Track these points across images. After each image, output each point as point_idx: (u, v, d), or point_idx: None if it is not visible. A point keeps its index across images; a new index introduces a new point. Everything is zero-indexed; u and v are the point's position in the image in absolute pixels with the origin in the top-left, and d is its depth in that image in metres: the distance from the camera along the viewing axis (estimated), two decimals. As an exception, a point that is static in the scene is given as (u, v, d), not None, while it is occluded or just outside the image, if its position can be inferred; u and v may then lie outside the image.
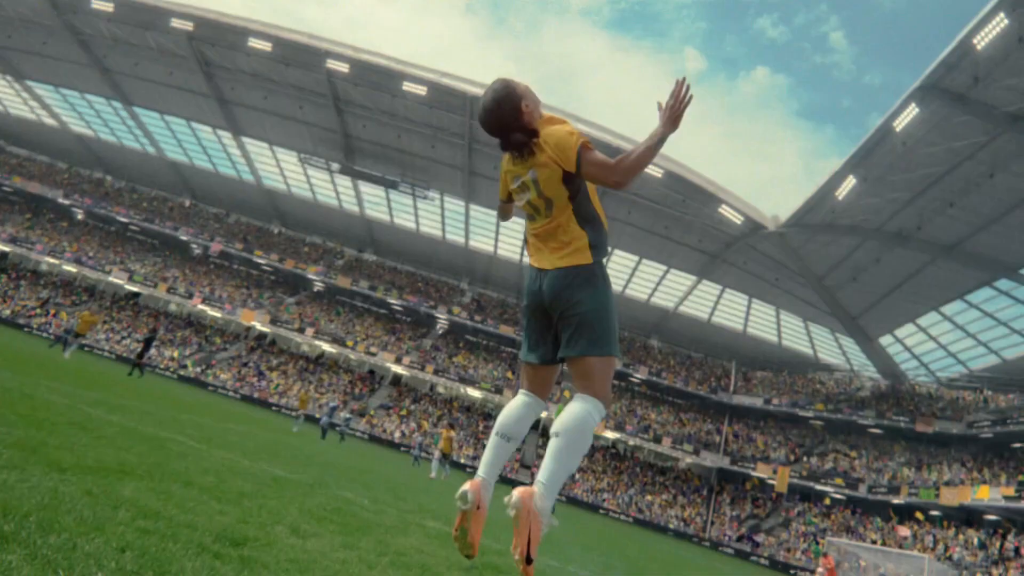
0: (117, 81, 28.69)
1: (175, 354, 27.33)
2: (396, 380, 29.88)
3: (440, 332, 31.56)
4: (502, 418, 1.82)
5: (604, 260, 1.79)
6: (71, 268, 29.89)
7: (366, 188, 29.80)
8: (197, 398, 14.91)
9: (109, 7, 23.85)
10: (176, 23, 23.82)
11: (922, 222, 19.89)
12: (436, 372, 28.17)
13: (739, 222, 22.78)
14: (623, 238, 26.32)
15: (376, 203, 30.87)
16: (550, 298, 1.71)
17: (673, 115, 1.57)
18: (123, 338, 27.20)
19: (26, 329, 25.22)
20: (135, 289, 29.86)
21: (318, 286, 32.09)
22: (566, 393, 25.90)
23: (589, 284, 1.69)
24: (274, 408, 24.66)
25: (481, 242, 30.63)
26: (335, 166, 28.30)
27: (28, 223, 31.55)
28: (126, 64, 27.59)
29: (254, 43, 23.42)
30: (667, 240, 26.00)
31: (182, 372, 25.97)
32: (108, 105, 30.50)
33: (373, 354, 28.50)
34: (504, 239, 29.45)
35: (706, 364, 31.43)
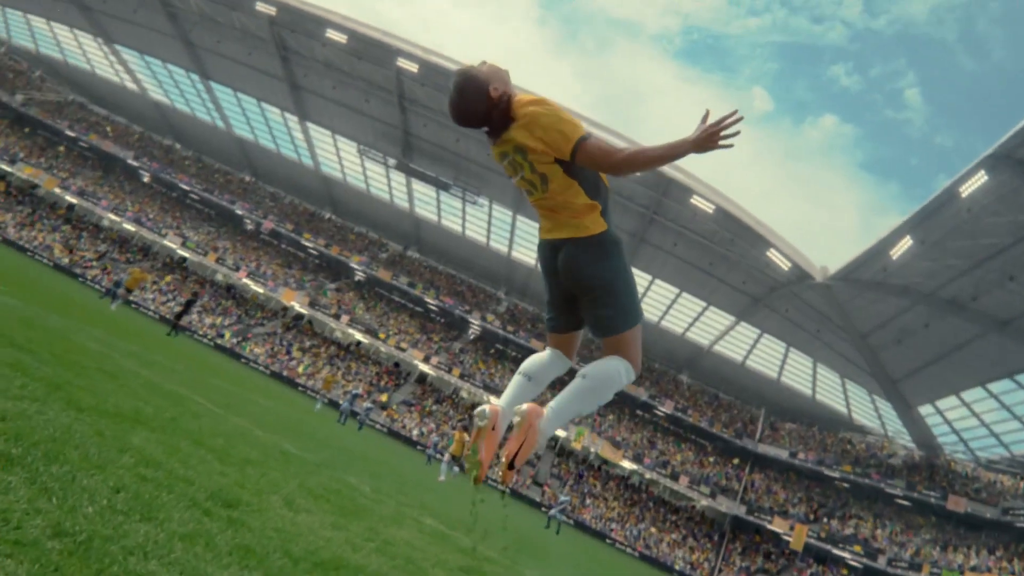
0: (199, 55, 29.86)
1: (216, 322, 28.11)
2: (422, 378, 30.06)
3: (471, 337, 31.67)
4: (528, 361, 1.82)
5: (613, 225, 1.72)
6: (130, 227, 31.07)
7: (418, 186, 30.22)
8: (228, 367, 15.28)
9: None
10: (261, 6, 24.69)
11: (978, 293, 19.07)
12: (462, 376, 28.23)
13: (786, 268, 22.26)
14: (666, 268, 26.01)
15: (426, 202, 31.28)
16: (564, 271, 1.69)
17: (709, 135, 1.45)
18: (168, 300, 28.10)
19: (80, 279, 26.31)
20: (186, 255, 30.87)
21: (359, 276, 32.59)
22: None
23: (601, 255, 1.65)
24: (300, 388, 25.07)
25: (524, 253, 30.65)
26: (392, 161, 28.79)
27: (98, 179, 32.99)
28: (209, 40, 28.71)
29: (331, 34, 24.11)
30: (710, 276, 25.57)
31: (219, 341, 26.67)
32: (187, 77, 31.77)
33: (403, 350, 28.74)
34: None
35: (734, 407, 30.69)
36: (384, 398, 27.02)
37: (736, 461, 28.59)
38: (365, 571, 1.78)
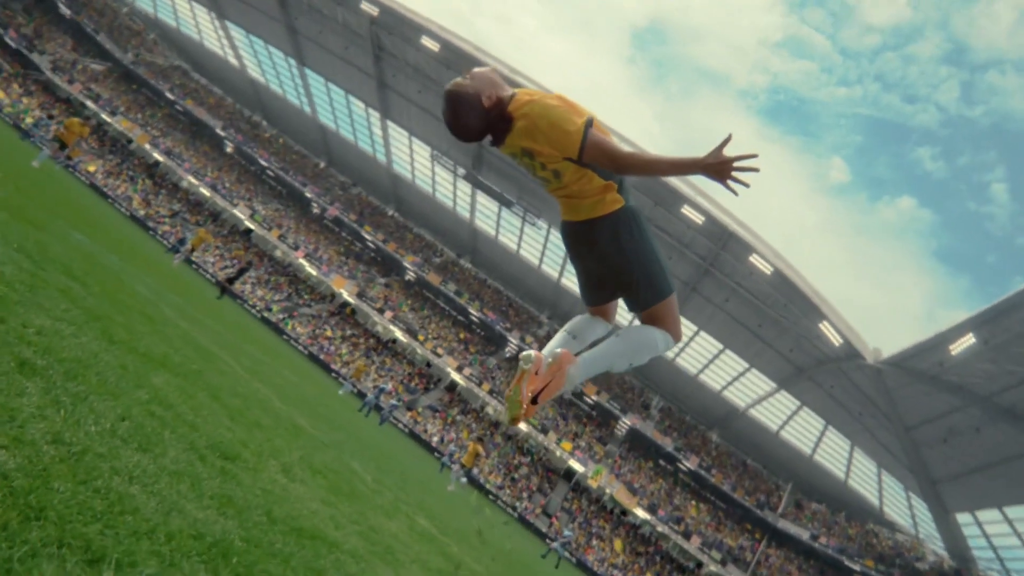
0: (299, 42, 31.29)
1: (266, 295, 29.01)
2: (451, 386, 30.16)
3: (507, 355, 31.67)
4: (572, 321, 1.86)
5: (631, 199, 1.71)
6: (206, 191, 32.51)
7: (482, 199, 30.63)
8: (267, 339, 15.70)
9: None
10: (365, 5, 25.75)
11: (1040, 407, 17.98)
12: (491, 392, 28.21)
13: (837, 343, 21.47)
14: (713, 322, 25.48)
15: (487, 215, 31.65)
16: (588, 252, 1.70)
17: (723, 162, 1.38)
18: (227, 266, 29.19)
19: (151, 232, 27.62)
20: (252, 227, 32.06)
21: (410, 275, 33.12)
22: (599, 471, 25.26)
23: (623, 231, 1.64)
24: (332, 374, 25.54)
25: (573, 281, 30.56)
26: (461, 171, 29.32)
27: (185, 142, 34.75)
28: (312, 30, 30.08)
29: (426, 41, 24.88)
30: (757, 338, 24.89)
31: (265, 314, 27.49)
32: (284, 60, 33.30)
33: (438, 355, 28.96)
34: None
35: (760, 476, 29.60)
36: (411, 399, 27.23)
37: (753, 532, 27.51)
38: (340, 548, 1.81)
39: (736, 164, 1.37)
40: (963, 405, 20.31)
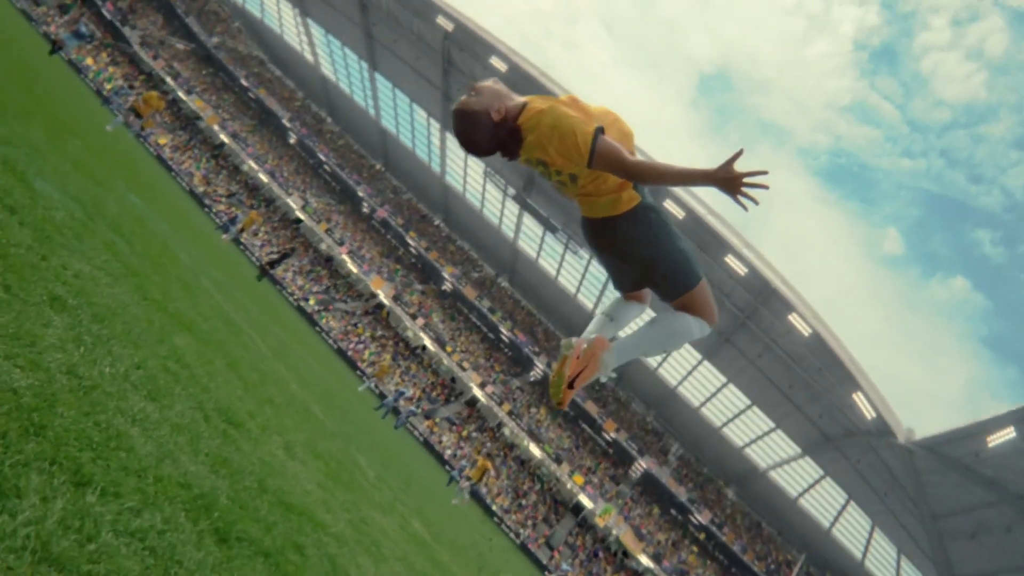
0: (373, 47, 32.32)
1: (305, 285, 29.66)
2: (472, 402, 30.15)
3: (531, 379, 31.55)
4: (610, 303, 1.89)
5: (647, 194, 1.69)
6: (264, 177, 33.62)
7: (528, 221, 30.85)
8: (298, 327, 16.00)
9: None
10: (441, 20, 26.48)
11: (1081, 516, 16.98)
12: (511, 413, 28.09)
13: (869, 417, 20.72)
14: (743, 376, 24.90)
15: (530, 238, 31.84)
16: (609, 246, 1.70)
17: (734, 176, 1.36)
18: (272, 252, 29.99)
19: (206, 209, 28.62)
20: (302, 217, 32.94)
21: (447, 286, 33.45)
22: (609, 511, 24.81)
23: (642, 227, 1.63)
24: (357, 372, 25.84)
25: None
26: (511, 191, 29.63)
27: (251, 128, 36.07)
28: (387, 37, 31.05)
29: (494, 60, 25.39)
30: (786, 400, 24.22)
31: (302, 303, 28.06)
32: (357, 63, 34.43)
33: (464, 368, 29.03)
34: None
35: (774, 542, 28.59)
36: (430, 409, 27.28)
37: (758, 599, 26.52)
38: (325, 529, 1.83)
39: (746, 180, 1.34)
40: (996, 501, 19.31)
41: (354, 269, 34.42)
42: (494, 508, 24.46)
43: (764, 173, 1.35)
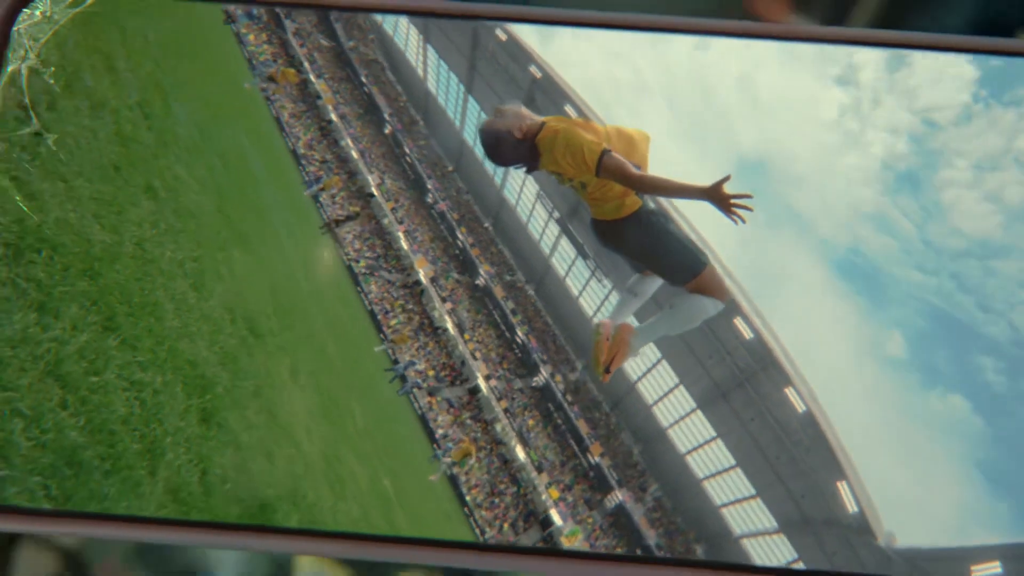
0: (473, 76, 32.72)
1: (360, 249, 30.13)
2: (474, 390, 30.02)
3: (533, 384, 31.35)
4: (631, 280, 1.94)
5: (648, 199, 1.71)
6: (355, 154, 34.28)
7: (564, 243, 30.89)
8: (342, 281, 16.06)
9: (503, 37, 27.68)
10: (532, 69, 26.84)
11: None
12: (506, 411, 27.89)
13: (851, 510, 19.64)
14: (732, 435, 23.99)
15: (563, 257, 31.72)
16: (616, 246, 1.74)
17: (724, 194, 1.40)
18: (341, 213, 30.61)
19: (300, 167, 29.36)
20: (376, 193, 33.64)
21: (480, 281, 33.55)
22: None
23: (643, 229, 1.67)
24: (380, 335, 25.99)
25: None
26: (556, 215, 29.67)
27: (357, 115, 37.02)
28: (486, 71, 31.45)
29: (567, 108, 25.55)
30: (771, 470, 23.20)
31: (352, 263, 28.45)
32: (456, 85, 35.08)
33: (475, 358, 29.00)
34: (636, 365, 28.46)
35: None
36: (434, 387, 27.20)
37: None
38: (299, 450, 1.80)
39: (733, 200, 1.39)
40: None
41: (405, 246, 34.80)
42: (467, 498, 23.98)
43: (749, 196, 1.38)
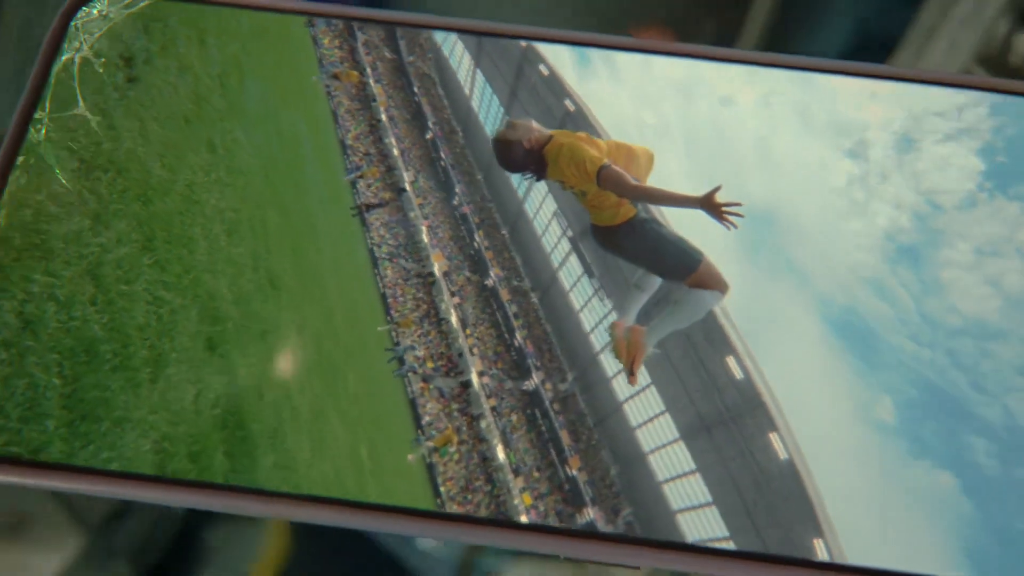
0: (512, 101, 32.89)
1: (384, 236, 30.33)
2: (466, 384, 30.13)
3: (523, 388, 31.43)
4: (636, 275, 1.94)
5: (641, 208, 1.78)
6: (396, 152, 34.71)
7: (573, 260, 31.03)
8: (362, 261, 16.22)
9: (546, 73, 28.19)
10: (567, 103, 27.07)
11: None
12: (493, 410, 27.97)
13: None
14: (711, 472, 23.60)
15: (570, 272, 31.90)
16: (614, 252, 1.72)
17: (717, 203, 1.43)
18: (372, 199, 30.87)
19: (345, 155, 29.66)
20: (407, 188, 33.96)
21: (489, 282, 33.73)
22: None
23: (637, 236, 1.66)
24: (388, 317, 26.17)
25: (609, 364, 30.05)
26: (570, 233, 29.80)
27: (404, 119, 37.38)
28: (525, 99, 31.01)
29: (596, 136, 25.93)
30: (747, 514, 22.80)
31: (375, 247, 28.67)
32: (498, 107, 35.49)
33: (472, 353, 29.11)
34: (627, 388, 28.53)
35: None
36: (429, 374, 27.35)
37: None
38: (289, 400, 1.84)
39: (725, 208, 1.41)
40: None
41: (425, 240, 35.09)
42: (441, 488, 24.05)
43: (739, 204, 1.41)
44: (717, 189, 1.54)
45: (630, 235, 1.86)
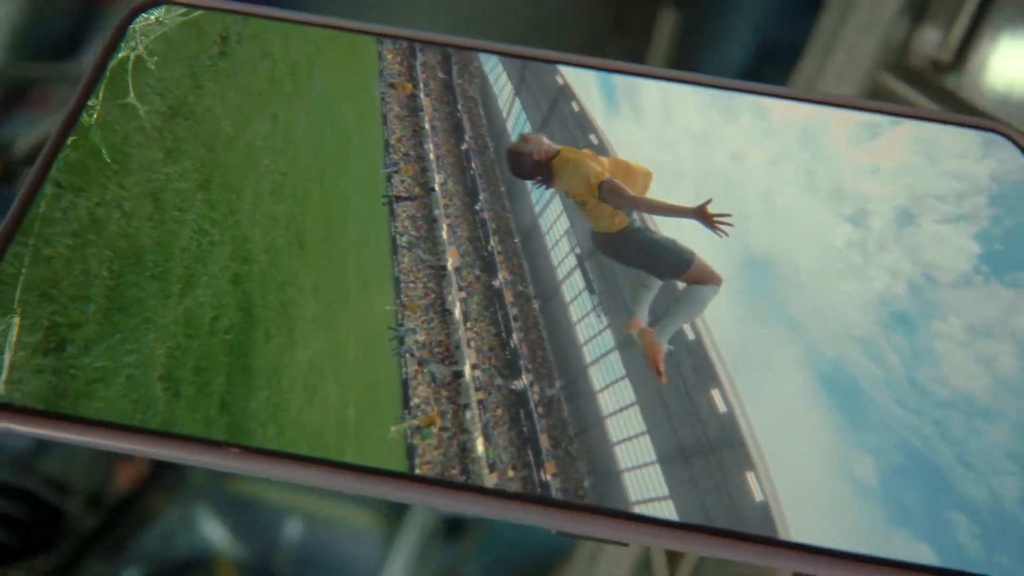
0: (543, 128, 33.09)
1: (407, 227, 30.56)
2: (458, 374, 30.22)
3: (511, 387, 31.47)
4: (640, 277, 1.97)
5: (635, 218, 1.82)
6: (431, 156, 34.55)
7: (577, 275, 31.12)
8: (383, 245, 16.29)
9: (576, 109, 28.42)
10: (592, 136, 27.11)
11: None
12: (480, 403, 27.99)
13: None
14: (686, 500, 22.76)
15: (572, 286, 32.00)
16: (612, 256, 1.74)
17: (708, 215, 1.43)
18: (402, 193, 31.17)
19: (387, 153, 30.18)
20: (436, 188, 34.35)
21: (496, 282, 33.81)
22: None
23: (629, 244, 1.68)
24: (397, 300, 26.32)
25: (599, 374, 30.08)
26: (577, 251, 29.74)
27: (444, 129, 37.69)
28: (555, 127, 30.46)
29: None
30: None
31: (397, 236, 28.81)
32: (529, 131, 36.18)
33: (469, 346, 29.19)
34: (611, 402, 28.48)
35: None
36: (425, 360, 27.41)
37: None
38: (292, 354, 1.85)
39: (716, 218, 1.43)
40: None
41: (444, 236, 35.27)
42: (417, 471, 23.97)
43: (729, 215, 1.43)
44: (709, 201, 1.54)
45: (627, 241, 1.88)
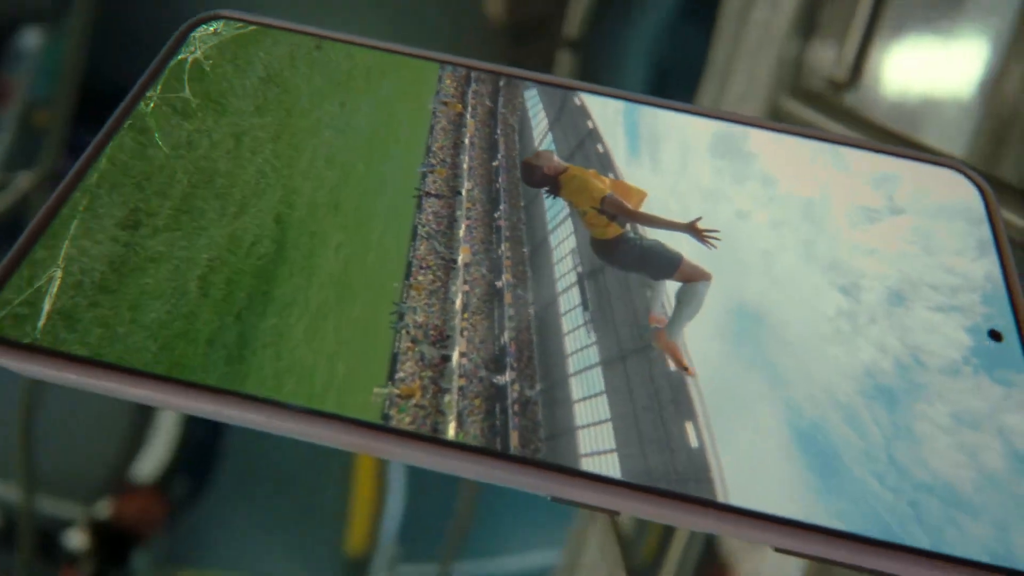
0: (569, 160, 34.03)
1: (430, 219, 30.62)
2: (446, 358, 30.00)
3: (494, 381, 31.47)
4: (647, 281, 2.02)
5: (627, 228, 1.86)
6: (465, 166, 33.21)
7: (574, 291, 31.14)
8: (404, 230, 16.27)
9: (601, 150, 28.46)
10: (610, 176, 27.31)
11: None
12: (460, 389, 27.77)
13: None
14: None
15: (568, 301, 32.00)
16: (608, 261, 1.76)
17: (698, 229, 1.45)
18: (430, 191, 31.35)
19: (427, 156, 30.64)
20: (463, 193, 34.58)
21: (499, 283, 33.58)
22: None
23: (622, 251, 1.68)
24: (405, 281, 26.36)
25: (581, 384, 30.03)
26: (579, 269, 29.28)
27: (481, 146, 38.62)
28: (580, 161, 32.17)
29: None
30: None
31: (419, 225, 28.76)
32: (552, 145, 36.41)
33: (461, 335, 29.12)
34: (587, 414, 28.33)
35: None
36: (419, 343, 27.36)
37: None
38: (303, 303, 1.84)
39: (705, 233, 1.47)
40: None
41: (461, 235, 35.26)
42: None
43: (717, 231, 1.46)
44: (698, 219, 1.54)
45: (619, 248, 1.94)
